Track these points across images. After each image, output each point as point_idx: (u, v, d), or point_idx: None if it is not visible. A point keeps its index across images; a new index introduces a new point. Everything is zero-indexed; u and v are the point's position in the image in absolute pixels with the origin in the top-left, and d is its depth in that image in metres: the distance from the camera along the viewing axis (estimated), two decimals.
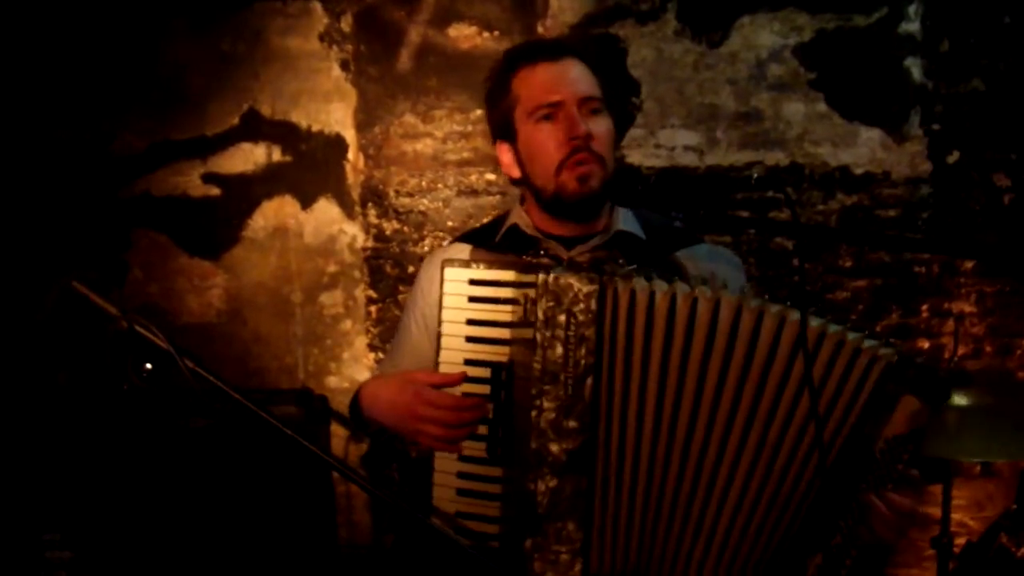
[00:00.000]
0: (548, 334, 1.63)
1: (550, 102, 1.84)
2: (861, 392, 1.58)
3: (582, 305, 1.62)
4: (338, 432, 3.14)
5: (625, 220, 1.94)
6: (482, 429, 1.71)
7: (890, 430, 1.58)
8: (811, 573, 1.62)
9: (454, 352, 1.73)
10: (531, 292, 1.65)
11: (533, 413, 1.64)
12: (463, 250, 2.00)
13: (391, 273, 3.14)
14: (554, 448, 1.64)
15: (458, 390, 1.72)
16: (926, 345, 3.11)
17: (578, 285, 1.63)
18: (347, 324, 3.17)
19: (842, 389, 1.59)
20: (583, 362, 1.63)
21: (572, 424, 1.64)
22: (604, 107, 1.89)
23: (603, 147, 1.84)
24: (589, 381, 1.63)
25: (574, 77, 1.87)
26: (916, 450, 1.58)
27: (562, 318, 1.63)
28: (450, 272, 1.74)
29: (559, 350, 1.63)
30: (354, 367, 3.17)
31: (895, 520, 1.59)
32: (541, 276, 1.64)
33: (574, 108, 1.83)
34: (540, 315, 1.63)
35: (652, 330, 1.62)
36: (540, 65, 1.88)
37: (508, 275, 1.69)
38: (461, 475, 1.72)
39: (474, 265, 1.74)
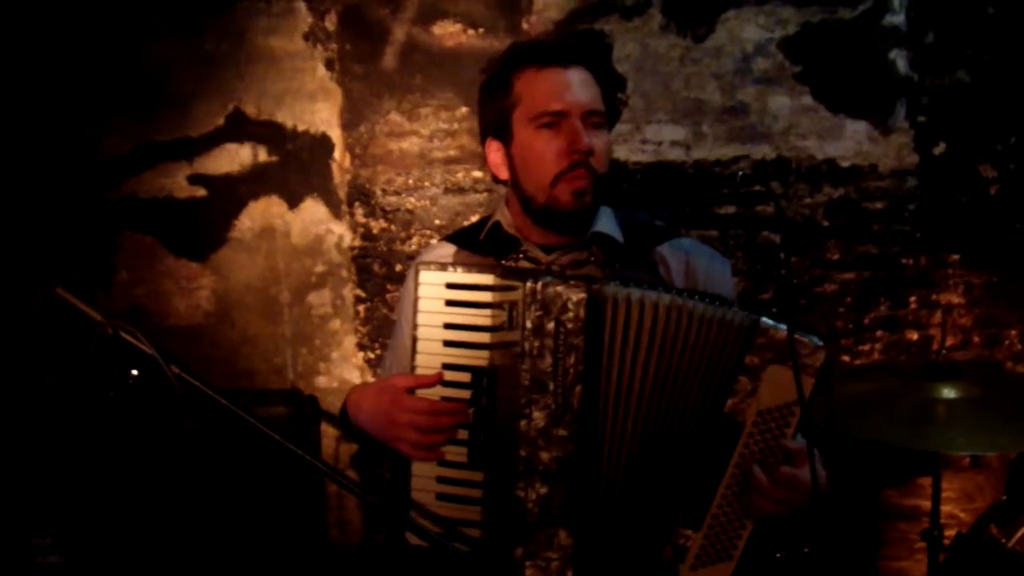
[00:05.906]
0: (537, 343, 1.63)
1: (555, 110, 1.79)
2: (720, 366, 1.62)
3: (571, 314, 1.62)
4: (328, 432, 3.14)
5: (603, 219, 1.91)
6: (462, 434, 1.70)
7: (763, 403, 1.59)
8: (685, 544, 1.66)
9: (431, 356, 1.72)
10: (512, 296, 1.64)
11: (522, 422, 1.64)
12: (448, 250, 1.99)
13: (379, 272, 3.13)
14: (544, 456, 1.64)
15: (437, 395, 1.71)
16: (915, 337, 3.12)
17: (567, 294, 1.62)
18: (335, 324, 3.16)
19: (714, 364, 1.62)
20: (572, 371, 1.62)
21: (562, 432, 1.64)
22: (605, 122, 1.85)
23: (600, 163, 1.80)
24: (578, 390, 1.63)
25: (581, 87, 1.83)
26: (799, 422, 1.60)
27: (551, 327, 1.62)
28: (426, 275, 1.72)
29: (548, 359, 1.63)
30: (343, 367, 3.17)
31: (775, 490, 1.59)
32: (529, 284, 1.62)
33: (578, 120, 1.79)
34: (528, 324, 1.62)
35: (636, 336, 1.63)
36: (549, 70, 1.82)
37: (488, 279, 1.68)
38: (441, 479, 1.72)
39: (451, 268, 1.72)
